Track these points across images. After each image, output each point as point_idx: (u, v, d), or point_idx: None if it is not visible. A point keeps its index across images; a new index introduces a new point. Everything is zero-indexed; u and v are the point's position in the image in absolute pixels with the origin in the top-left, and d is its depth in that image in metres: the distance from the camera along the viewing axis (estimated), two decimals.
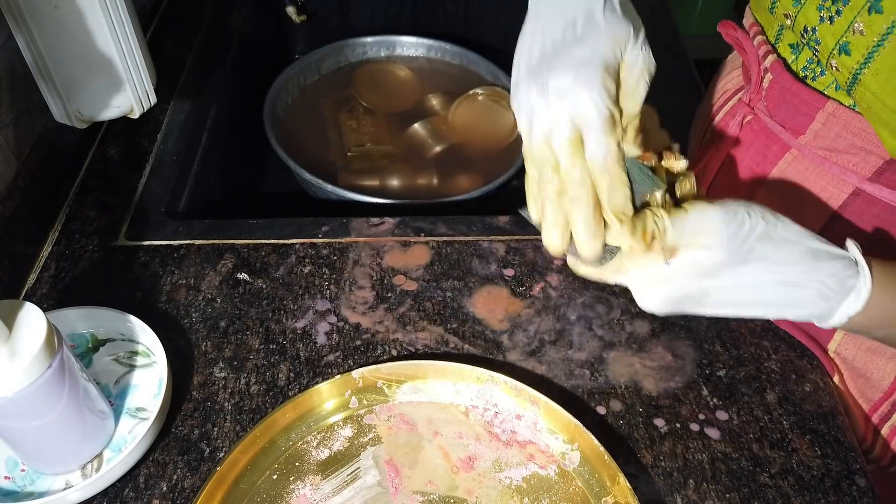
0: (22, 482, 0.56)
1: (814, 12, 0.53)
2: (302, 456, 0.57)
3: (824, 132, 0.57)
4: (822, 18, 0.52)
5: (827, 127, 0.56)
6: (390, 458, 0.57)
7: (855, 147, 0.55)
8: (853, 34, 0.50)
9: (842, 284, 0.45)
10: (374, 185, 0.96)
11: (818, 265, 0.45)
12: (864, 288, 0.44)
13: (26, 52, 0.75)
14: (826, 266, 0.45)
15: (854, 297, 0.45)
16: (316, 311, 0.67)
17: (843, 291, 0.45)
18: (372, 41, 1.12)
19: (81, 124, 0.82)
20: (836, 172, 0.57)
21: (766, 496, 0.56)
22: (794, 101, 0.58)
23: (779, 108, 0.60)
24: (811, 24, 0.54)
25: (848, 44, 0.50)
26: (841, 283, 0.45)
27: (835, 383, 0.64)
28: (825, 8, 0.52)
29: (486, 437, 0.58)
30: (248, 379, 0.62)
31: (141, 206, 0.77)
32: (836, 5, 0.51)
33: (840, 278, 0.45)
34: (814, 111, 0.57)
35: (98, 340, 0.64)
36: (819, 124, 0.57)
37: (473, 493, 0.55)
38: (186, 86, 0.93)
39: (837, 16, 0.51)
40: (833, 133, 0.56)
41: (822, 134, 0.57)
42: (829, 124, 0.56)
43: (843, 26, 0.51)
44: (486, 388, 0.59)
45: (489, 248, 0.72)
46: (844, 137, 0.56)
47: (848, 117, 0.55)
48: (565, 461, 0.56)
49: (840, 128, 0.55)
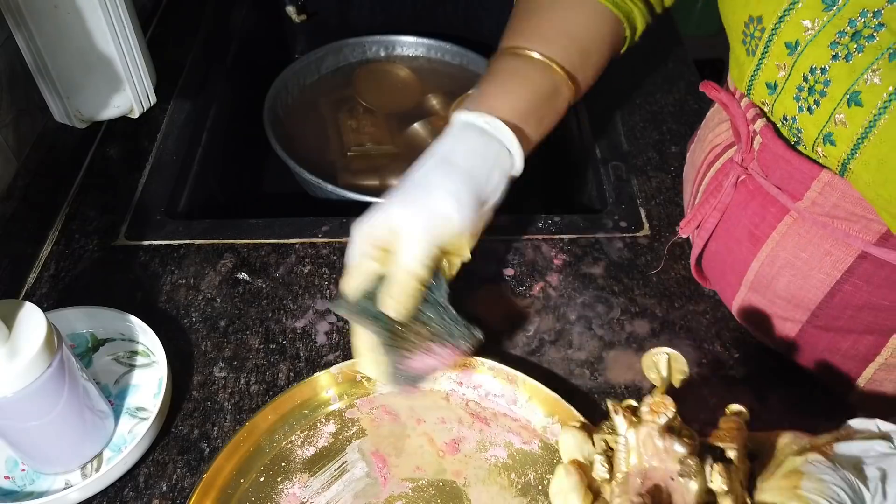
0: (22, 482, 0.56)
1: (791, 102, 0.50)
2: (287, 456, 0.57)
3: (821, 200, 0.53)
4: (801, 108, 0.49)
5: (823, 196, 0.52)
6: (376, 449, 0.58)
7: (855, 215, 0.52)
8: (835, 125, 0.46)
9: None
10: (373, 185, 0.96)
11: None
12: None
13: (26, 52, 0.75)
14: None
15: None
16: (316, 310, 0.67)
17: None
18: (372, 41, 1.12)
19: (81, 124, 0.82)
20: (840, 237, 0.54)
21: None
22: (788, 167, 0.54)
23: (772, 172, 0.56)
24: (790, 114, 0.50)
25: (832, 134, 0.47)
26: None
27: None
28: (802, 98, 0.49)
29: (468, 420, 0.59)
30: (247, 379, 0.62)
31: (141, 205, 0.77)
32: (813, 96, 0.48)
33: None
34: (809, 179, 0.52)
35: (98, 340, 0.64)
36: (815, 193, 0.53)
37: (461, 474, 0.56)
38: (186, 86, 0.93)
39: (816, 106, 0.48)
40: (831, 202, 0.52)
41: (819, 202, 0.53)
42: (826, 193, 0.52)
43: (823, 118, 0.47)
44: (464, 372, 0.61)
45: (489, 248, 0.72)
46: (843, 206, 0.52)
47: (845, 186, 0.50)
48: (547, 434, 0.58)
49: (838, 197, 0.51)
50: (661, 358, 0.47)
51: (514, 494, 0.55)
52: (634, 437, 0.38)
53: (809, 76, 0.48)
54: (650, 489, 0.37)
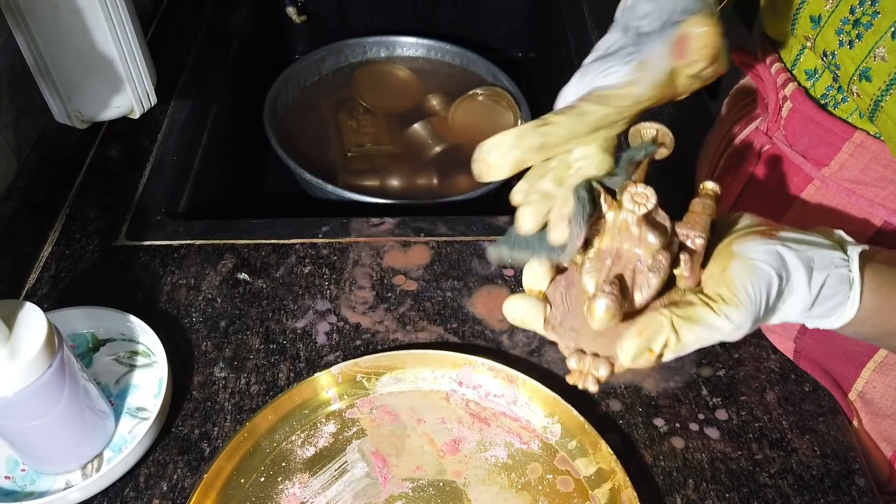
0: (22, 482, 0.56)
1: (832, 36, 0.50)
2: (287, 456, 0.57)
3: (851, 163, 0.53)
4: (842, 42, 0.50)
5: (854, 158, 0.53)
6: (376, 449, 0.58)
7: (885, 179, 0.52)
8: (874, 60, 0.47)
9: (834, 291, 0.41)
10: (374, 185, 0.96)
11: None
12: (852, 306, 0.41)
13: (26, 53, 0.75)
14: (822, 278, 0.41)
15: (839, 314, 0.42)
16: (316, 311, 0.67)
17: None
18: (372, 41, 1.12)
19: (82, 124, 0.82)
20: (863, 205, 0.54)
21: (765, 496, 0.56)
22: (819, 130, 0.54)
23: (800, 138, 0.57)
24: (830, 49, 0.51)
25: (869, 69, 0.48)
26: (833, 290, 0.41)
27: (854, 427, 0.62)
28: (844, 32, 0.49)
29: (468, 420, 0.60)
30: (248, 379, 0.62)
31: (141, 206, 0.77)
32: (857, 29, 0.48)
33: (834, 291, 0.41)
34: (840, 141, 0.53)
35: (98, 340, 0.64)
36: (846, 155, 0.53)
37: (461, 474, 0.57)
38: (186, 86, 0.93)
39: (858, 40, 0.48)
40: (861, 164, 0.53)
41: (848, 165, 0.53)
42: (857, 155, 0.53)
43: (863, 51, 0.48)
44: (464, 372, 0.61)
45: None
46: (873, 169, 0.52)
47: (878, 148, 0.51)
48: (547, 434, 0.58)
49: (869, 159, 0.52)
50: (647, 131, 0.46)
51: (514, 494, 0.55)
52: (613, 218, 0.40)
53: (858, 8, 0.48)
54: (617, 275, 0.39)
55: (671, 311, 0.38)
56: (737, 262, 0.39)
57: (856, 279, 0.41)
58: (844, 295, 0.41)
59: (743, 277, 0.38)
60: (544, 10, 1.20)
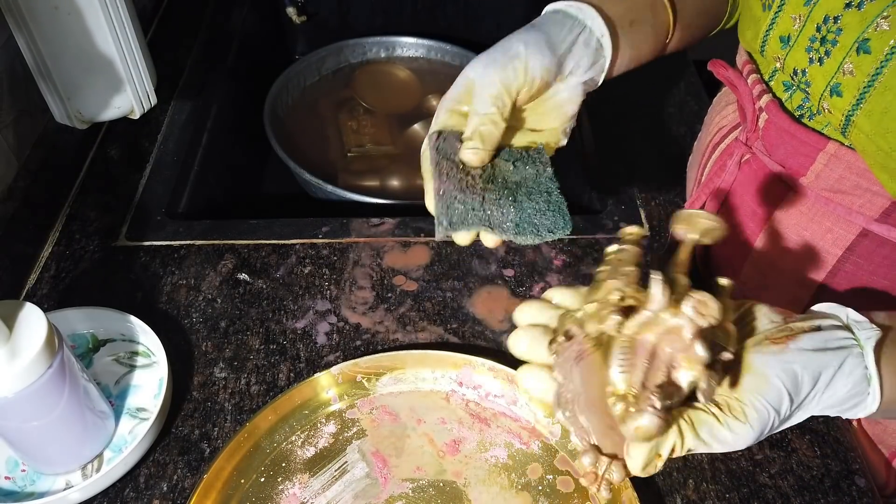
0: (22, 482, 0.56)
1: (802, 54, 0.51)
2: (287, 456, 0.57)
3: (826, 173, 0.54)
4: (812, 60, 0.50)
5: (829, 168, 0.53)
6: (376, 450, 0.58)
7: (860, 188, 0.52)
8: (843, 75, 0.48)
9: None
10: (374, 185, 0.96)
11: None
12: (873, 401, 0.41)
13: (26, 53, 0.75)
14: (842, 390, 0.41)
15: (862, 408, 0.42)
16: (316, 311, 0.67)
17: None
18: (372, 42, 1.12)
19: (82, 125, 0.82)
20: (841, 213, 0.54)
21: (765, 496, 0.56)
22: (793, 141, 0.55)
23: (776, 149, 0.57)
24: (800, 67, 0.52)
25: (839, 85, 0.48)
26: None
27: (854, 426, 0.62)
28: (813, 49, 0.50)
29: (468, 420, 0.60)
30: (248, 379, 0.62)
31: (141, 206, 0.77)
32: (825, 46, 0.49)
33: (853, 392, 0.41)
34: (814, 152, 0.54)
35: (98, 341, 0.64)
36: (821, 165, 0.54)
37: (461, 474, 0.57)
38: (186, 86, 0.93)
39: (826, 57, 0.49)
40: (836, 174, 0.53)
41: (824, 175, 0.54)
42: (832, 165, 0.53)
43: (832, 67, 0.48)
44: (464, 372, 0.61)
45: (489, 247, 0.72)
46: (848, 178, 0.53)
47: (851, 158, 0.52)
48: (547, 435, 0.58)
49: (843, 169, 0.53)
50: (699, 220, 0.42)
51: (514, 494, 0.55)
52: (667, 317, 0.37)
53: (822, 26, 0.49)
54: (660, 385, 0.36)
55: (678, 415, 0.38)
56: (751, 376, 0.39)
57: (873, 376, 0.40)
58: (864, 392, 0.41)
59: (755, 395, 0.39)
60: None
